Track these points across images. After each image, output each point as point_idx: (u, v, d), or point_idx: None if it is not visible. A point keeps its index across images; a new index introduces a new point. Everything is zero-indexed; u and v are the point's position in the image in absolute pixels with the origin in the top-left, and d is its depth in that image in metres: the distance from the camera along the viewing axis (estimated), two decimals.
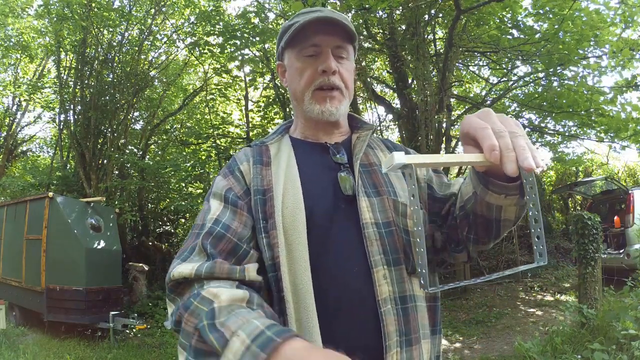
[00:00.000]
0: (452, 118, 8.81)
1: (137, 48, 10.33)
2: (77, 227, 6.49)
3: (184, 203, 9.63)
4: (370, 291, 0.74)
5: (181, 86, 12.50)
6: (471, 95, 10.25)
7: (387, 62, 9.75)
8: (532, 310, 6.74)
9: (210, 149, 10.25)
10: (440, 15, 7.92)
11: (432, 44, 8.89)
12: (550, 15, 5.90)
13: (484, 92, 9.73)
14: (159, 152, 12.40)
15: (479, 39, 7.25)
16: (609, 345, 3.33)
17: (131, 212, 9.45)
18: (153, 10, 10.37)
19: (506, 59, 7.62)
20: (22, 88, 11.11)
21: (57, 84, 10.37)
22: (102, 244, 6.79)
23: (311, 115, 0.89)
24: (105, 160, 10.00)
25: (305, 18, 0.85)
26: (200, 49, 8.86)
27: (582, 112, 6.66)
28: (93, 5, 9.22)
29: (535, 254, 0.62)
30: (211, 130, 9.97)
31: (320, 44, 0.87)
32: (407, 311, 0.76)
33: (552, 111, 7.18)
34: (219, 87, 10.40)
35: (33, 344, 5.75)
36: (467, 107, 9.18)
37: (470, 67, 9.89)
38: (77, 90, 10.15)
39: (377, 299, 0.74)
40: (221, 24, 7.72)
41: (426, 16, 7.78)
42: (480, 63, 9.51)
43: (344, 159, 0.87)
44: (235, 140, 10.75)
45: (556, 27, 5.66)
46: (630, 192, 7.56)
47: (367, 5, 5.86)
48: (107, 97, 10.25)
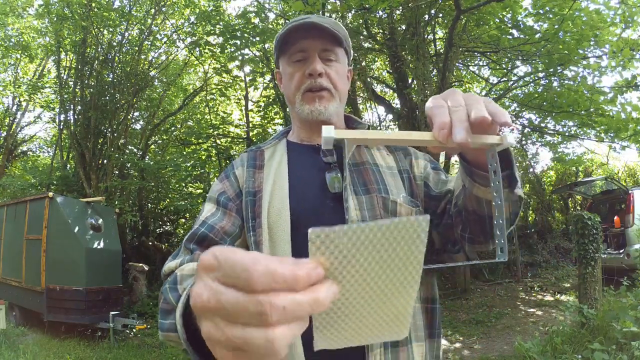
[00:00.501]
0: None
1: (137, 48, 10.33)
2: (77, 227, 6.49)
3: (184, 203, 9.64)
4: None
5: (181, 86, 12.50)
6: None
7: (387, 62, 9.74)
8: (532, 310, 6.74)
9: (210, 148, 10.26)
10: (440, 15, 7.91)
11: (432, 44, 8.88)
12: (550, 15, 5.89)
13: (484, 92, 9.72)
14: (159, 152, 12.39)
15: (479, 39, 7.25)
16: (609, 345, 3.33)
17: (131, 212, 9.45)
18: (153, 10, 10.37)
19: (506, 59, 7.62)
20: (22, 88, 11.10)
21: (57, 84, 10.36)
22: (102, 244, 6.78)
23: (302, 116, 0.93)
24: (105, 160, 10.00)
25: (292, 24, 0.89)
26: (201, 48, 8.87)
27: (582, 112, 6.66)
28: (93, 5, 9.22)
29: (497, 248, 0.56)
30: (211, 130, 9.98)
31: (307, 48, 0.90)
32: None
33: (552, 111, 7.17)
34: (219, 87, 10.41)
35: (33, 344, 5.75)
36: None
37: (470, 67, 9.90)
38: (77, 90, 10.15)
39: None
40: (221, 24, 7.72)
41: (426, 16, 7.78)
42: (480, 63, 9.52)
43: (333, 159, 0.89)
44: (235, 140, 10.76)
45: (556, 27, 5.66)
46: (630, 192, 7.57)
47: (367, 5, 5.86)
48: (107, 97, 10.25)
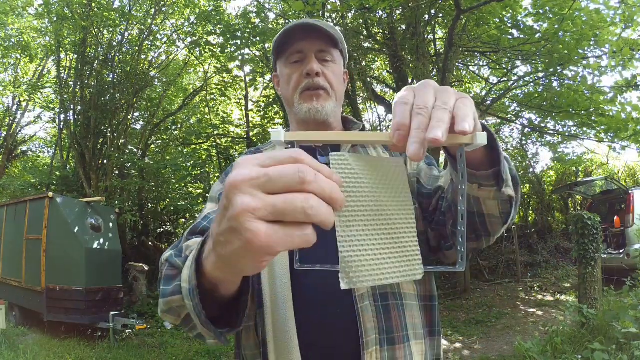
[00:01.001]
0: None
1: (137, 48, 10.33)
2: (77, 227, 6.48)
3: (184, 203, 9.64)
4: None
5: (181, 86, 12.50)
6: (471, 95, 10.24)
7: (387, 62, 9.75)
8: (532, 310, 6.75)
9: (210, 148, 10.26)
10: (440, 15, 7.91)
11: (432, 44, 8.89)
12: (550, 15, 5.89)
13: (484, 92, 9.73)
14: (159, 152, 12.39)
15: (479, 39, 7.25)
16: (609, 345, 3.34)
17: (131, 212, 9.45)
18: (153, 10, 10.36)
19: (506, 59, 7.62)
20: (22, 88, 11.10)
21: (57, 84, 10.37)
22: (102, 244, 6.78)
23: (301, 115, 0.93)
24: (105, 160, 10.00)
25: (289, 26, 0.91)
26: (201, 48, 8.86)
27: (582, 112, 6.65)
28: (93, 5, 9.23)
29: (457, 256, 0.53)
30: (211, 130, 9.98)
31: (304, 49, 0.92)
32: (388, 308, 0.76)
33: (552, 111, 7.17)
34: (219, 87, 10.41)
35: (33, 344, 5.75)
36: None
37: (470, 67, 9.90)
38: (77, 90, 10.15)
39: (354, 295, 0.75)
40: (222, 24, 7.72)
41: (426, 16, 7.78)
42: (480, 63, 9.52)
43: (326, 159, 0.88)
44: (236, 140, 10.76)
45: (556, 27, 5.65)
46: (630, 192, 7.57)
47: (367, 5, 5.87)
48: (107, 97, 10.25)
